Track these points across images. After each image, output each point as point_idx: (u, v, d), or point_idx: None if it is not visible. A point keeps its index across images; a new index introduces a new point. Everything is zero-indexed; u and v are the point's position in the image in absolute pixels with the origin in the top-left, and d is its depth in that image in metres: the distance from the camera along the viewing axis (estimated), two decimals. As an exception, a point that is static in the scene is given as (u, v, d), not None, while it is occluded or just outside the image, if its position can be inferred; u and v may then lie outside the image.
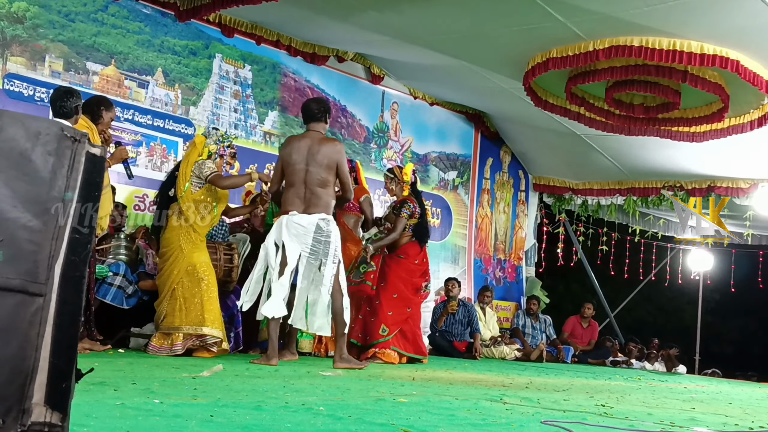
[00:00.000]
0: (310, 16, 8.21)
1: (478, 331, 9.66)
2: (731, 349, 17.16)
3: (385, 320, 7.13)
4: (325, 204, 5.76)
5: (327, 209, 5.78)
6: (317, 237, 5.67)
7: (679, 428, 3.24)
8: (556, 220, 13.24)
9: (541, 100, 8.84)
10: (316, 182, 5.73)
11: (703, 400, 5.51)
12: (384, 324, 7.14)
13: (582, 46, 7.41)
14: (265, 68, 8.93)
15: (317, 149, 5.76)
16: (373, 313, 7.20)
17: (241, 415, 2.69)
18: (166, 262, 6.10)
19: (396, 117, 10.59)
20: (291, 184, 5.78)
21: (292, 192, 5.76)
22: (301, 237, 5.67)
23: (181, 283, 6.01)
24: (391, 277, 7.26)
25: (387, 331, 7.12)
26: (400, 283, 7.28)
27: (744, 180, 11.08)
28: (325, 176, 5.75)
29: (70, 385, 1.38)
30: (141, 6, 7.81)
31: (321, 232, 5.69)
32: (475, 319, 9.69)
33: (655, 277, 14.43)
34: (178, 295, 5.99)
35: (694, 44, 7.02)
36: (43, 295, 1.34)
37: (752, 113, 8.36)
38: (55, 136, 1.35)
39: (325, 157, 5.74)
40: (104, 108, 5.81)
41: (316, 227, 5.67)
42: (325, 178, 5.75)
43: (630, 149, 10.70)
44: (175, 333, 5.94)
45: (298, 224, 5.68)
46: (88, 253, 1.39)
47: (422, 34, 8.22)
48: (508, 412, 3.41)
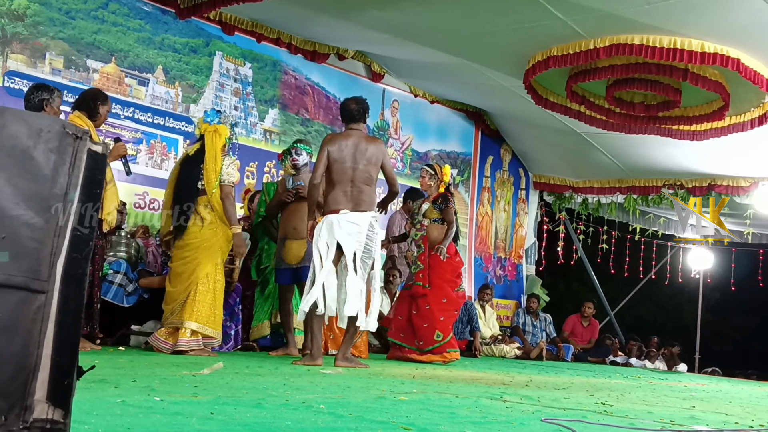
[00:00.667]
0: (311, 14, 8.21)
1: (478, 329, 9.65)
2: (731, 347, 17.16)
3: (438, 326, 7.18)
4: (371, 202, 5.81)
5: (373, 207, 5.83)
6: (370, 235, 5.73)
7: (679, 426, 3.24)
8: (557, 218, 13.25)
9: (541, 98, 8.84)
10: (363, 180, 5.75)
11: (703, 399, 5.51)
12: (438, 330, 7.19)
13: (583, 44, 7.42)
14: (266, 66, 8.94)
15: (365, 147, 5.78)
16: (425, 318, 7.20)
17: (242, 412, 2.69)
18: (193, 260, 5.95)
19: (396, 115, 10.59)
20: (337, 182, 5.75)
21: (338, 190, 5.73)
22: (355, 235, 5.68)
23: (203, 280, 5.93)
24: (437, 279, 7.24)
25: (441, 336, 7.18)
26: (446, 285, 7.29)
27: (744, 178, 11.09)
28: (371, 174, 5.80)
29: (72, 383, 1.38)
30: (141, 3, 7.81)
31: (372, 230, 5.75)
32: (475, 317, 9.69)
33: (655, 276, 14.43)
34: (199, 293, 5.90)
35: (694, 42, 7.03)
36: (46, 293, 1.34)
37: (753, 111, 8.36)
38: (57, 134, 1.36)
39: (373, 155, 5.78)
40: (100, 102, 5.65)
41: (370, 225, 5.73)
42: (372, 175, 5.81)
43: (630, 147, 10.71)
44: (183, 328, 5.86)
45: (353, 223, 5.69)
46: (90, 250, 1.40)
47: (423, 32, 8.22)
48: (508, 410, 3.41)
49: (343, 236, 5.63)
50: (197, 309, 5.88)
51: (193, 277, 5.91)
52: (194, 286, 5.90)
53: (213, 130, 6.05)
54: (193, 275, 5.91)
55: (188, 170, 6.07)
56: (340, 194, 5.71)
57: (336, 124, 9.68)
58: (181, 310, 5.89)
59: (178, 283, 5.95)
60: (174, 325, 5.88)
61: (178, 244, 6.01)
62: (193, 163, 6.04)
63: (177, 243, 6.02)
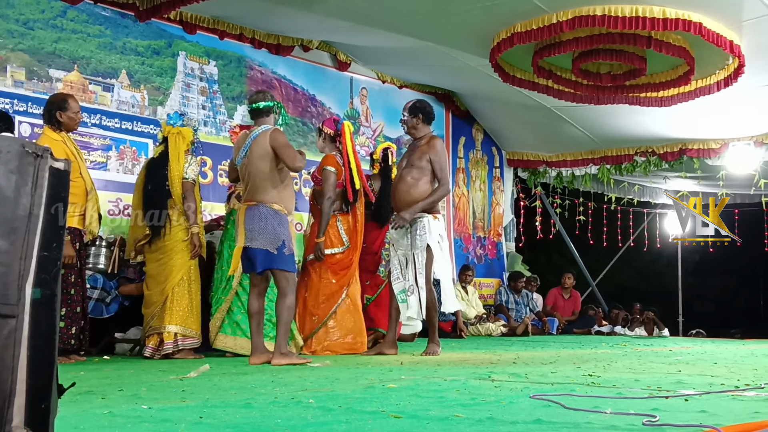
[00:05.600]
0: (273, 7, 8.16)
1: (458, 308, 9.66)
2: (714, 307, 17.33)
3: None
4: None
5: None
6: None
7: (666, 392, 3.28)
8: (532, 193, 13.29)
9: (508, 75, 8.85)
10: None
11: (688, 362, 5.57)
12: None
13: (545, 18, 7.42)
14: (231, 63, 8.87)
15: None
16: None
17: (231, 414, 2.69)
18: (167, 261, 5.99)
19: (366, 102, 10.57)
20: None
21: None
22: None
23: (180, 283, 5.97)
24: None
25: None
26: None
27: (715, 141, 11.17)
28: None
29: (49, 405, 1.36)
30: (100, 9, 7.72)
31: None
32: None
33: (633, 243, 14.54)
34: (175, 295, 5.94)
35: (656, 9, 7.05)
36: (16, 317, 1.32)
37: (718, 74, 8.41)
38: (17, 154, 1.33)
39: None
40: (59, 110, 5.54)
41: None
42: None
43: (600, 118, 10.75)
44: (165, 333, 5.89)
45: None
46: (59, 270, 1.38)
47: (385, 17, 8.19)
48: (497, 390, 3.43)
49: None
50: (175, 312, 5.92)
51: (169, 280, 5.95)
52: (170, 289, 5.93)
53: (176, 132, 6.11)
54: (168, 278, 5.95)
55: (154, 173, 6.10)
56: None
57: (306, 116, 9.64)
58: (161, 315, 5.92)
59: (155, 286, 6.00)
60: (156, 331, 5.90)
61: (152, 248, 6.03)
62: (158, 166, 6.09)
63: (150, 246, 6.03)
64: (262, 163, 5.28)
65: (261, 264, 5.28)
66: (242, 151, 5.39)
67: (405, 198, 6.15)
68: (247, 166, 5.35)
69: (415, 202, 6.08)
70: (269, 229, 5.24)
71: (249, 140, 5.36)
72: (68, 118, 5.59)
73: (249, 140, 5.36)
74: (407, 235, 6.15)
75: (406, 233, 6.16)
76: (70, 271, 5.46)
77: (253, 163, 5.30)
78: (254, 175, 5.31)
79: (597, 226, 13.38)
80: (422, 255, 6.05)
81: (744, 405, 2.91)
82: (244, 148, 5.38)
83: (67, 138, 5.59)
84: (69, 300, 5.43)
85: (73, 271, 5.50)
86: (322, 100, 9.91)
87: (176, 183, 6.00)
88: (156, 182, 6.05)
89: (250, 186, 5.33)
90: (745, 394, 3.27)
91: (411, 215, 6.05)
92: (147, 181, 6.14)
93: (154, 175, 6.10)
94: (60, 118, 5.55)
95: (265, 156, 5.28)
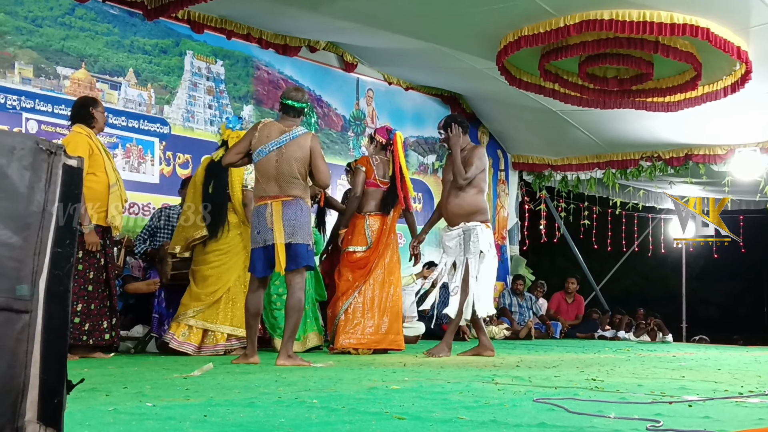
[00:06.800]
0: (280, 7, 8.17)
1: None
2: (718, 313, 17.32)
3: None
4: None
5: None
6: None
7: (669, 398, 3.27)
8: (537, 197, 13.29)
9: (515, 78, 8.85)
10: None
11: (692, 368, 5.56)
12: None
13: (553, 22, 7.42)
14: (238, 62, 8.89)
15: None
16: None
17: (235, 412, 2.69)
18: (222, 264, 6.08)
19: (372, 104, 10.58)
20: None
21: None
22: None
23: (236, 283, 6.08)
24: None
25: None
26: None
27: (721, 146, 11.15)
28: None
29: (62, 400, 1.38)
30: (108, 7, 7.74)
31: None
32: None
33: (638, 248, 14.53)
34: (231, 297, 6.05)
35: (663, 14, 7.05)
36: (29, 312, 1.33)
37: (725, 80, 8.41)
38: (31, 150, 1.34)
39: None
40: (92, 107, 5.71)
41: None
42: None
43: (606, 122, 10.75)
44: (218, 333, 6.03)
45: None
46: (72, 266, 1.39)
47: (393, 19, 8.20)
48: (500, 393, 3.43)
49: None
50: (231, 313, 6.03)
51: (223, 281, 6.04)
52: (225, 290, 6.03)
53: (236, 136, 6.07)
54: (222, 279, 6.04)
55: (215, 176, 6.13)
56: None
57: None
58: (213, 314, 6.02)
59: (206, 286, 6.07)
60: (204, 327, 5.95)
61: (206, 249, 6.12)
62: (220, 169, 6.03)
63: (204, 248, 6.13)
64: (299, 165, 5.17)
65: (304, 259, 5.15)
66: (273, 144, 5.19)
67: (458, 211, 6.44)
68: (278, 161, 5.16)
69: (468, 215, 6.39)
70: (307, 225, 5.21)
71: (286, 137, 5.19)
72: (100, 115, 5.74)
73: (286, 137, 5.19)
74: (460, 242, 6.38)
75: (459, 240, 6.39)
76: (89, 266, 5.50)
77: (288, 161, 5.14)
78: (287, 173, 5.15)
79: (602, 231, 13.38)
80: (475, 260, 6.32)
81: (748, 411, 2.90)
82: (277, 142, 5.18)
83: (93, 135, 5.67)
84: (86, 296, 5.47)
85: (92, 268, 5.53)
86: (329, 100, 9.93)
87: (237, 188, 6.12)
88: (217, 186, 6.12)
89: (282, 182, 5.15)
90: (748, 400, 3.27)
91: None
92: (207, 182, 6.17)
93: (215, 177, 6.13)
94: (93, 115, 5.67)
95: (304, 158, 5.18)
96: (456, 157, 6.37)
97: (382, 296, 6.72)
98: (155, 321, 6.40)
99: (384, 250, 6.75)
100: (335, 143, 9.99)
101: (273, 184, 5.16)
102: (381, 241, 6.75)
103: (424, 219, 11.21)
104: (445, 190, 6.56)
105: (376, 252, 6.72)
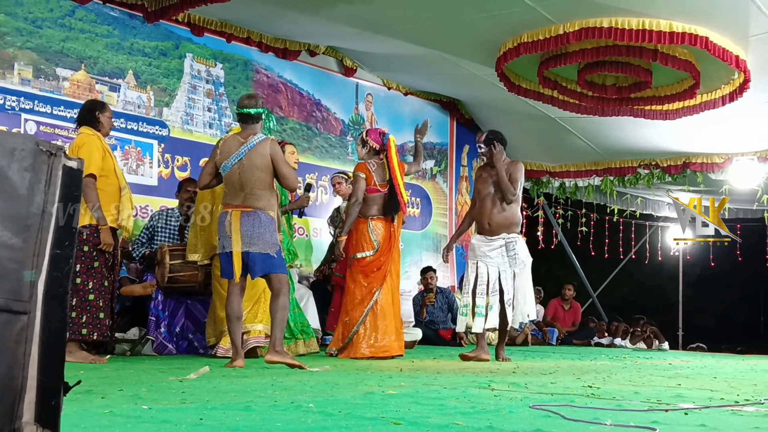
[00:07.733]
0: (280, 12, 8.18)
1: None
2: (714, 322, 17.33)
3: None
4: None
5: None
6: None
7: (665, 405, 3.27)
8: (535, 203, 13.30)
9: (514, 85, 8.86)
10: None
11: (688, 376, 5.57)
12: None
13: (552, 29, 7.43)
14: (237, 66, 8.90)
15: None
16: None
17: (231, 416, 2.69)
18: None
19: (371, 109, 10.59)
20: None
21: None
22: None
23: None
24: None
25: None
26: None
27: (718, 155, 11.17)
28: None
29: (59, 402, 1.37)
30: (108, 9, 7.75)
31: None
32: (454, 304, 9.72)
33: (635, 255, 14.53)
34: (266, 294, 6.07)
35: (663, 22, 7.06)
36: (28, 313, 1.33)
37: (723, 88, 8.42)
38: (31, 152, 1.34)
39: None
40: (98, 111, 5.72)
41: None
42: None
43: (605, 130, 10.76)
44: (253, 330, 6.17)
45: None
46: (71, 268, 1.39)
47: (393, 24, 8.21)
48: (496, 399, 3.43)
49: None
50: (263, 312, 6.18)
51: (257, 285, 6.11)
52: (261, 290, 6.15)
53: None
54: (256, 284, 6.07)
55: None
56: None
57: (310, 121, 9.66)
58: (252, 316, 6.19)
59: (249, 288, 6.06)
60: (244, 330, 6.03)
61: None
62: None
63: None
64: (262, 173, 5.31)
65: (261, 268, 5.34)
66: (234, 157, 5.34)
67: (503, 222, 6.74)
68: (240, 173, 5.32)
69: (510, 225, 6.76)
70: (268, 235, 5.31)
71: (244, 148, 5.33)
72: (106, 119, 5.75)
73: (244, 148, 5.33)
74: (503, 253, 6.65)
75: (501, 251, 6.65)
76: (103, 263, 5.52)
77: (250, 171, 5.29)
78: (251, 183, 5.30)
79: (599, 238, 13.39)
80: (521, 270, 6.66)
81: (744, 420, 2.90)
82: (237, 155, 5.33)
83: (102, 137, 5.70)
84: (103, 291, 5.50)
85: (105, 266, 5.56)
86: (328, 105, 9.94)
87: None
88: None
89: (246, 193, 5.31)
90: (744, 409, 3.27)
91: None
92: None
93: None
94: (99, 119, 5.68)
95: (266, 166, 5.32)
96: (502, 173, 6.68)
97: (393, 301, 6.76)
98: (152, 323, 6.39)
99: (395, 254, 6.84)
100: (334, 147, 9.99)
101: (237, 195, 5.36)
102: (393, 245, 6.80)
103: (423, 224, 11.25)
104: (483, 202, 6.80)
105: (389, 255, 6.75)
